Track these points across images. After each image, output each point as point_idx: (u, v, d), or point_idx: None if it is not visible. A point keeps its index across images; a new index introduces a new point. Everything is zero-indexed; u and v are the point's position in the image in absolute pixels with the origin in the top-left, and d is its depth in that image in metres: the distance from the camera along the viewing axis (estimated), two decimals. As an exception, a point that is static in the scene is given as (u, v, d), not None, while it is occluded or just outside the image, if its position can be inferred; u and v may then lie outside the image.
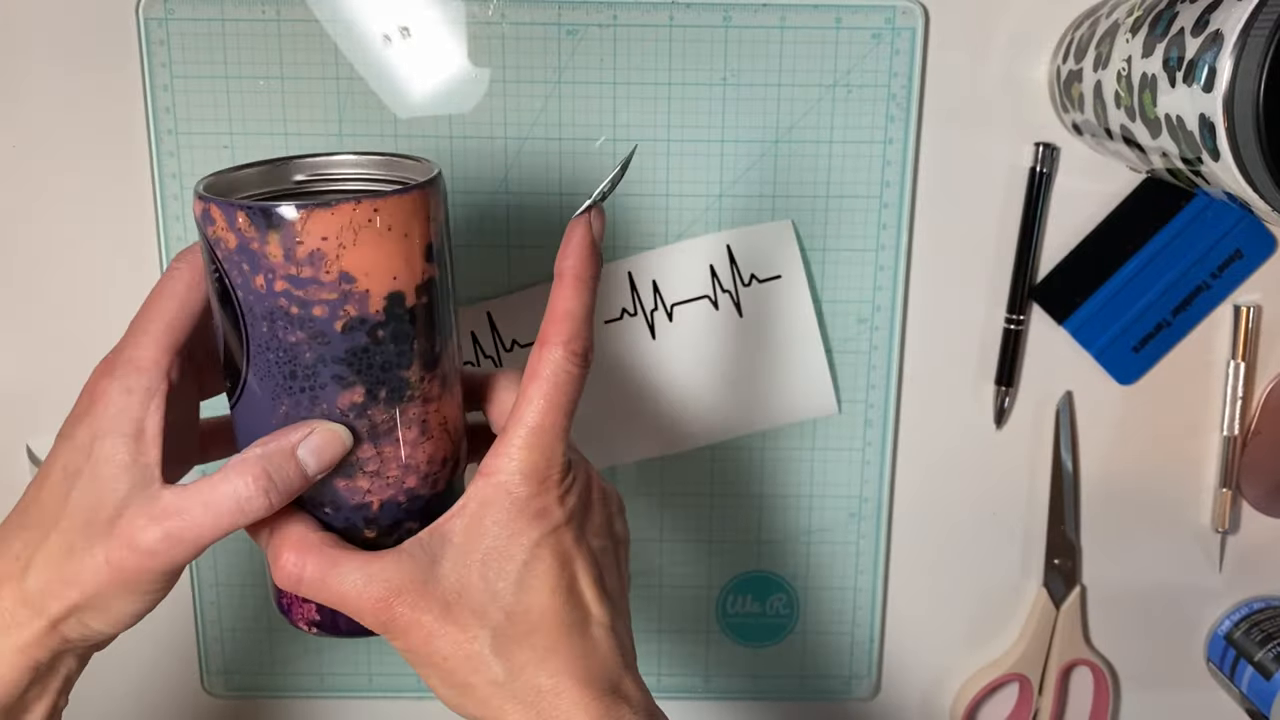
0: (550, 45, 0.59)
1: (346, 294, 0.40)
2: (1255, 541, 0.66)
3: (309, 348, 0.41)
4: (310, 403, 0.42)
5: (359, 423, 0.42)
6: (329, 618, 0.45)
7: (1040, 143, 0.60)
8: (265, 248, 0.40)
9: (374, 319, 0.41)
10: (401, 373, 0.42)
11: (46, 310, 0.62)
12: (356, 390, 0.42)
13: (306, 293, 0.40)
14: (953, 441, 0.65)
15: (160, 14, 0.58)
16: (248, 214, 0.39)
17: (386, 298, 0.41)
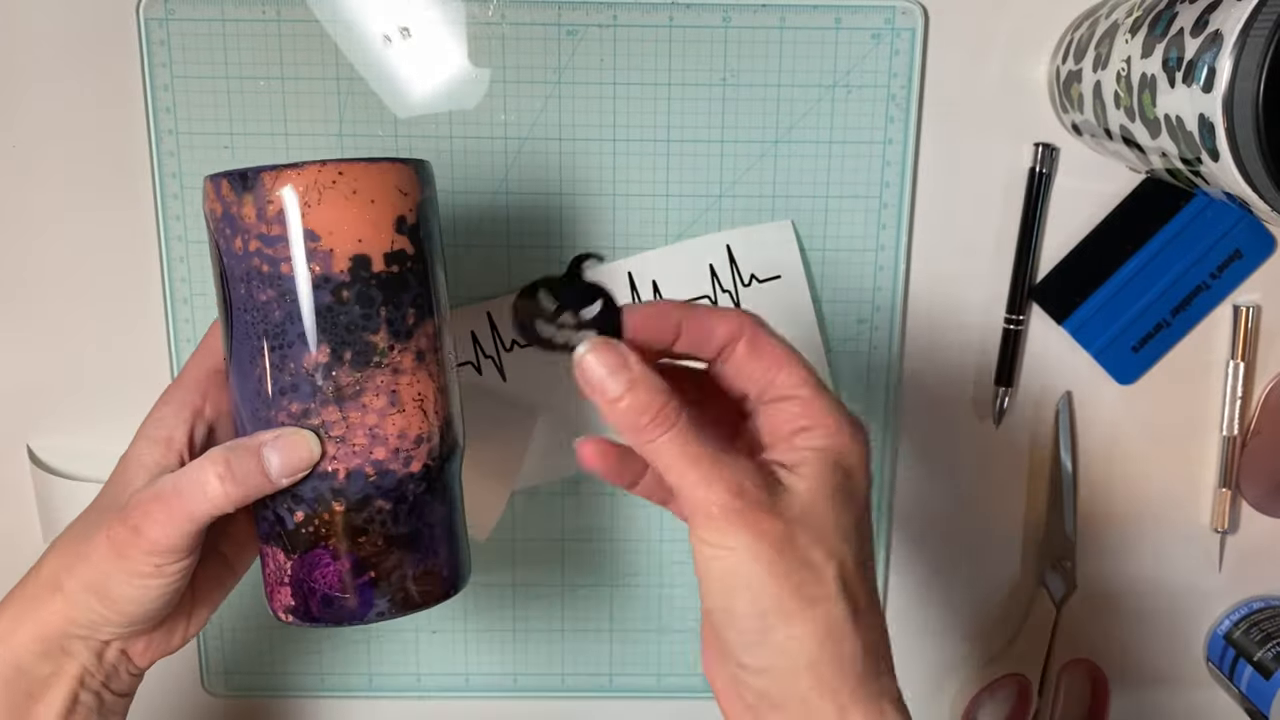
0: (550, 45, 0.59)
1: (312, 251, 0.43)
2: (1255, 541, 0.66)
3: (278, 306, 0.43)
4: (280, 362, 0.44)
5: (325, 384, 0.44)
6: (302, 602, 0.46)
7: (1040, 143, 0.60)
8: (242, 209, 0.43)
9: (338, 278, 0.43)
10: (367, 336, 0.44)
11: (46, 310, 0.62)
12: (322, 350, 0.43)
13: (275, 250, 0.43)
14: (953, 441, 0.65)
15: (160, 14, 0.58)
16: (229, 180, 0.43)
17: (351, 259, 0.43)
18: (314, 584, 0.46)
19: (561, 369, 0.62)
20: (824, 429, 0.40)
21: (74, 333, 0.63)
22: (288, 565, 0.46)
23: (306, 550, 0.45)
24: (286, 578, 0.46)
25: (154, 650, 0.49)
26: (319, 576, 0.46)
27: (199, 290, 0.61)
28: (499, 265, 0.61)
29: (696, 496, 0.39)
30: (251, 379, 0.44)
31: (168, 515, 0.43)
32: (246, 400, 0.45)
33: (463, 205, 0.61)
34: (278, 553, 0.46)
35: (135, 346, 0.63)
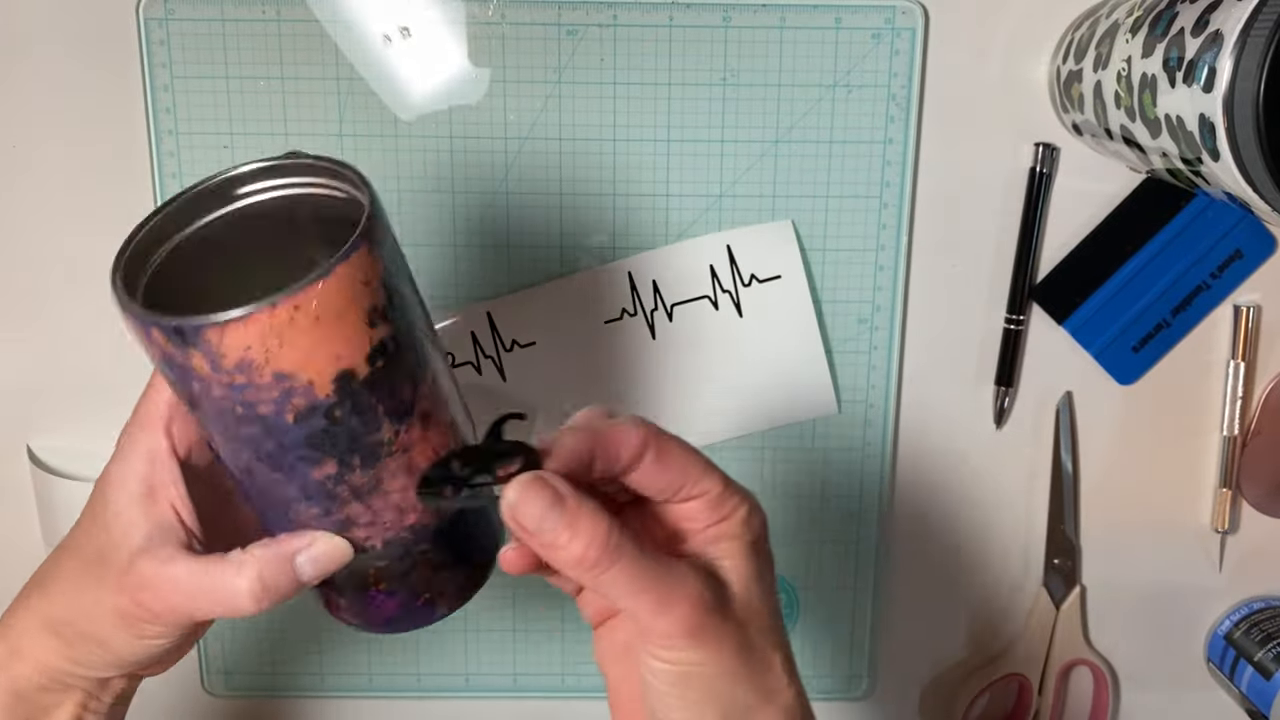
0: (550, 45, 0.59)
1: (289, 390, 0.37)
2: (1255, 541, 0.66)
3: (266, 438, 0.38)
4: (286, 479, 0.40)
5: (339, 489, 0.40)
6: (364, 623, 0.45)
7: (1040, 143, 0.60)
8: (190, 361, 0.36)
9: (325, 403, 0.38)
10: (371, 438, 0.39)
11: (46, 310, 0.62)
12: (328, 464, 0.39)
13: (246, 395, 0.37)
14: (953, 441, 0.65)
15: (160, 14, 0.58)
16: (161, 330, 0.36)
17: (334, 380, 0.37)
18: (371, 616, 0.45)
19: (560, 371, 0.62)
20: (735, 517, 0.41)
21: (74, 333, 0.63)
22: (342, 600, 0.45)
23: (357, 592, 0.44)
24: (343, 608, 0.45)
25: (158, 668, 0.48)
26: (374, 610, 0.45)
27: (199, 290, 0.61)
28: (499, 265, 0.61)
29: (654, 622, 0.38)
30: (255, 489, 0.41)
31: (188, 608, 0.42)
32: (255, 501, 0.42)
33: (463, 205, 0.61)
34: (329, 589, 0.45)
35: (135, 346, 0.62)
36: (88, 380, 0.63)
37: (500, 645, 0.67)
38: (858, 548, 0.66)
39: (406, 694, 0.68)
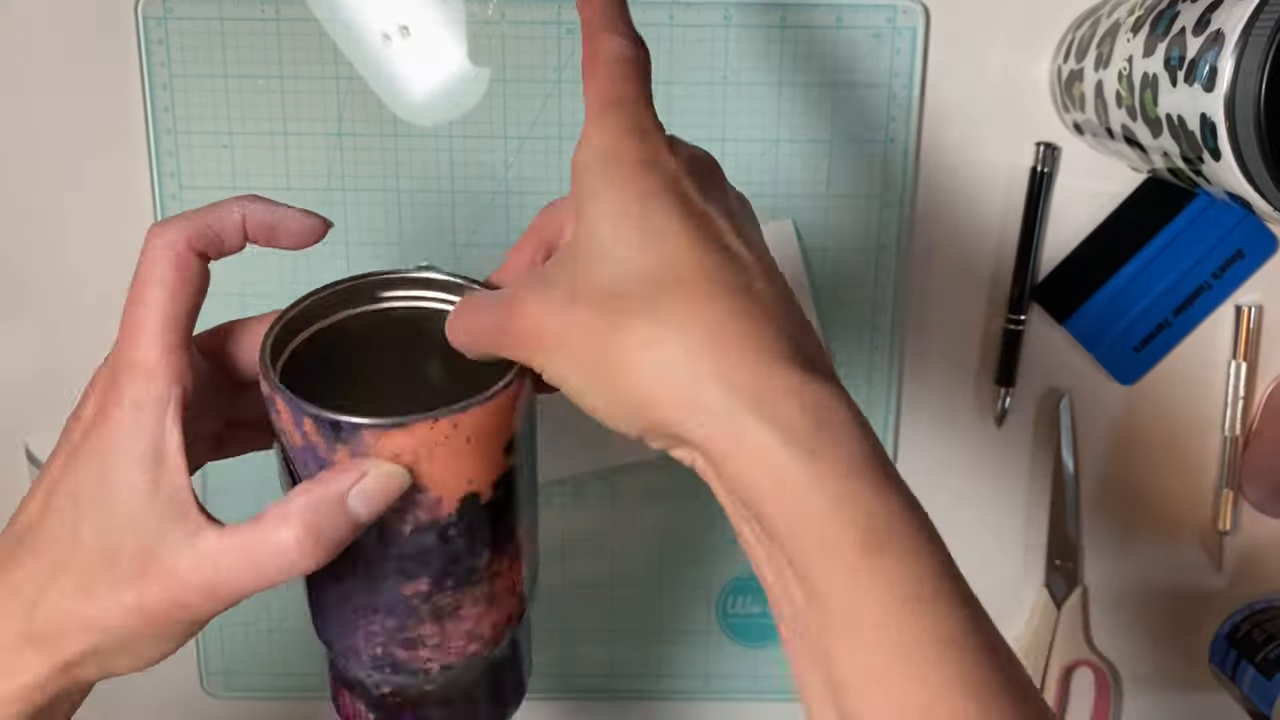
0: (550, 45, 0.59)
1: (416, 502, 0.37)
2: (1256, 542, 0.66)
3: (375, 544, 0.38)
4: (370, 587, 0.39)
5: (423, 608, 0.39)
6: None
7: (1040, 143, 0.60)
8: (332, 454, 0.36)
9: (445, 521, 0.38)
10: (470, 562, 0.39)
11: (46, 310, 0.62)
12: (421, 581, 0.39)
13: None
14: (953, 441, 0.65)
15: (159, 13, 0.58)
16: (315, 422, 0.36)
17: (460, 500, 0.38)
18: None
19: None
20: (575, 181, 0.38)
21: (74, 333, 0.63)
22: (370, 715, 0.43)
23: (392, 713, 0.43)
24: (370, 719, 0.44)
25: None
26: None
27: (198, 290, 0.61)
28: (499, 265, 0.61)
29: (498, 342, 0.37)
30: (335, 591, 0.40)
31: (232, 587, 0.36)
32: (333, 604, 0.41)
33: (463, 205, 0.61)
34: (357, 701, 0.43)
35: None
36: (86, 380, 0.63)
37: (500, 646, 0.67)
38: (858, 548, 0.66)
39: (406, 694, 0.68)
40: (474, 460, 0.37)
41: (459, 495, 0.38)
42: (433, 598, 0.39)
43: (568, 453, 0.64)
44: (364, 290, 0.43)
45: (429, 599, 0.39)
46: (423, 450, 0.36)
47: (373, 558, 0.38)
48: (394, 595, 0.39)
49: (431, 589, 0.39)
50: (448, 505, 0.38)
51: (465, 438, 0.36)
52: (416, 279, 0.43)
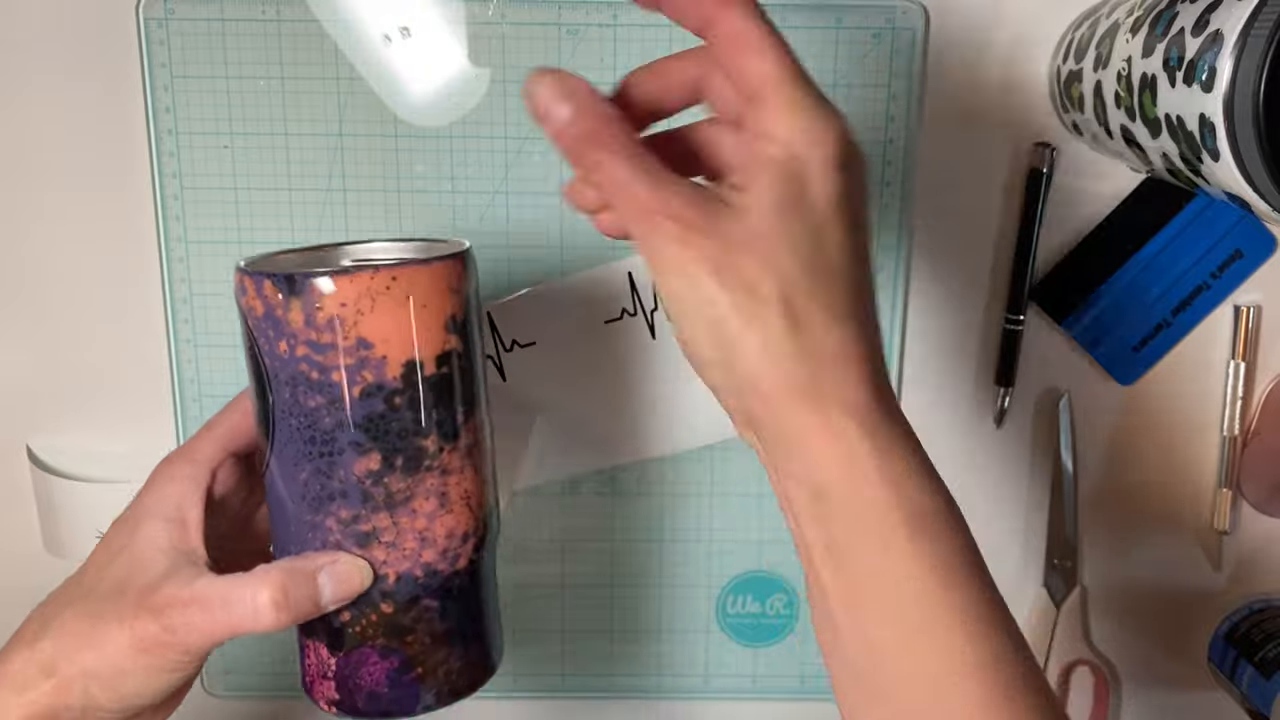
0: (550, 45, 0.59)
1: (364, 360, 0.41)
2: (1255, 541, 0.66)
3: (327, 412, 0.42)
4: (329, 468, 0.43)
5: (375, 490, 0.43)
6: (348, 697, 0.45)
7: (1040, 143, 0.60)
8: (288, 314, 0.41)
9: (391, 385, 0.42)
10: (419, 441, 0.43)
11: (46, 310, 0.62)
12: (373, 457, 0.42)
13: (325, 357, 0.41)
14: (953, 441, 0.65)
15: (160, 14, 0.58)
16: (273, 281, 0.41)
17: (404, 365, 0.42)
18: (359, 681, 0.45)
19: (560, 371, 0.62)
20: (781, 137, 0.38)
21: (74, 333, 0.63)
22: (331, 661, 0.45)
23: (352, 649, 0.45)
24: (330, 673, 0.45)
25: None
26: (365, 674, 0.45)
27: (199, 290, 0.61)
28: (499, 265, 0.61)
29: (638, 226, 0.38)
30: (297, 482, 0.43)
31: (210, 625, 0.42)
32: (291, 501, 0.44)
33: (463, 205, 0.61)
34: (320, 647, 0.46)
35: (135, 346, 0.63)
36: (88, 380, 0.63)
37: (500, 645, 0.67)
38: (858, 548, 0.66)
39: (406, 694, 0.68)
40: (414, 324, 0.42)
41: (402, 359, 0.42)
42: (384, 479, 0.43)
43: (568, 453, 0.64)
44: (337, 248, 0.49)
45: (380, 479, 0.43)
46: (365, 301, 0.41)
47: (329, 431, 0.42)
48: (348, 475, 0.43)
49: (382, 467, 0.43)
50: (392, 368, 0.42)
51: (405, 294, 0.41)
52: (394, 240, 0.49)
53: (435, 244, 0.48)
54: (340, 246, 0.49)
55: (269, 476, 0.45)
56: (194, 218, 0.60)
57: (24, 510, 0.65)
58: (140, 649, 0.42)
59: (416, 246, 0.48)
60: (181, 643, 0.42)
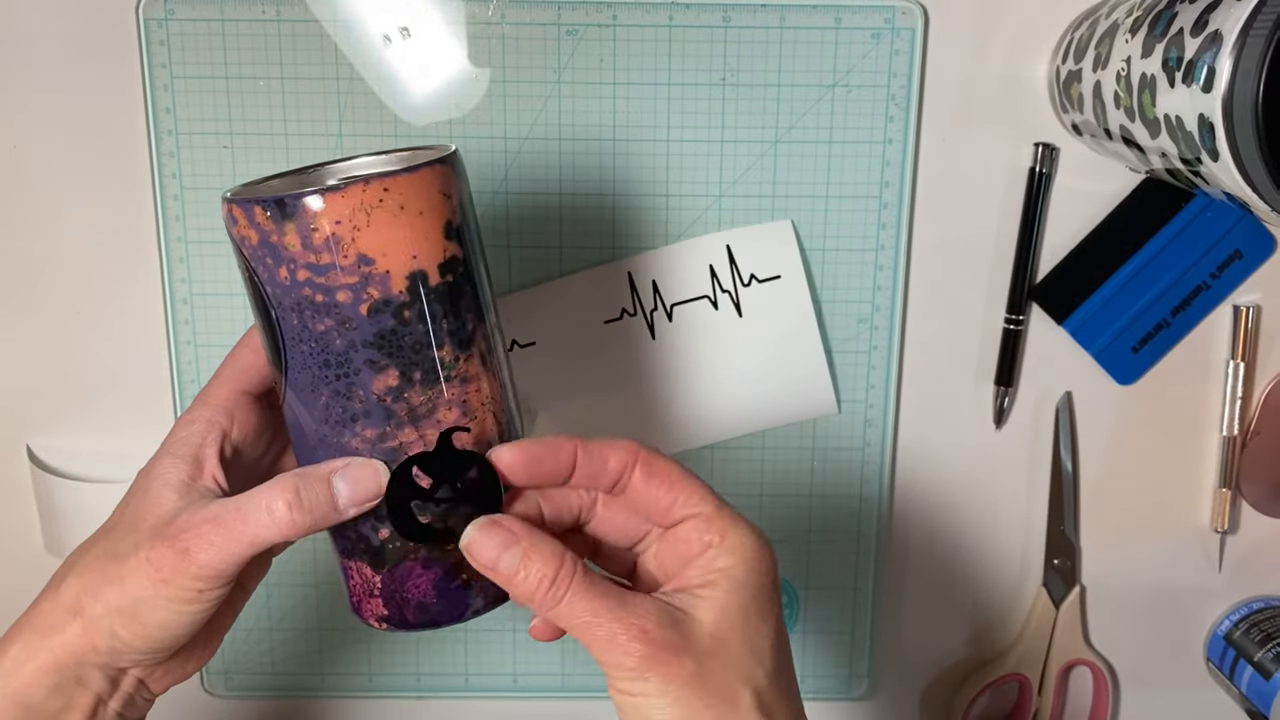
0: (550, 45, 0.59)
1: (367, 276, 0.41)
2: (1255, 541, 0.66)
3: (338, 334, 0.41)
4: (347, 390, 0.42)
5: (397, 406, 0.42)
6: (396, 611, 0.45)
7: (1040, 143, 0.60)
8: (284, 239, 0.40)
9: (398, 299, 0.41)
10: (434, 353, 0.42)
11: (47, 310, 0.62)
12: (390, 374, 0.42)
13: (328, 279, 0.41)
14: (953, 441, 0.65)
15: (160, 14, 0.58)
16: (263, 207, 0.40)
17: (408, 277, 0.41)
18: (407, 595, 0.45)
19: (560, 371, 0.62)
20: (729, 547, 0.41)
21: (74, 333, 0.63)
22: (376, 579, 0.45)
23: (395, 564, 0.44)
24: (377, 590, 0.45)
25: (170, 678, 0.47)
26: (411, 588, 0.45)
27: (199, 290, 0.61)
28: (499, 265, 0.61)
29: (607, 655, 0.39)
30: (317, 407, 0.43)
31: (225, 539, 0.42)
32: (314, 427, 0.43)
33: (463, 205, 0.61)
34: (363, 567, 0.45)
35: (135, 346, 0.63)
36: (88, 380, 0.63)
37: (500, 645, 0.67)
38: (858, 548, 0.66)
39: (406, 694, 0.68)
40: (413, 233, 0.41)
41: (406, 271, 0.41)
42: (405, 394, 0.42)
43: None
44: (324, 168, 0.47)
45: (401, 396, 0.42)
46: (360, 216, 0.40)
47: (342, 354, 0.41)
48: (367, 394, 0.42)
49: (401, 382, 0.42)
50: (397, 282, 0.41)
51: (399, 204, 0.40)
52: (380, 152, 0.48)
53: (420, 151, 0.47)
54: (324, 166, 0.47)
55: (287, 407, 0.44)
56: (194, 218, 0.60)
57: (24, 510, 0.65)
58: (159, 578, 0.42)
59: (401, 157, 0.47)
60: (198, 562, 0.41)
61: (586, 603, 0.40)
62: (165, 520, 0.43)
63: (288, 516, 0.41)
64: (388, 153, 0.47)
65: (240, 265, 0.42)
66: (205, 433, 0.45)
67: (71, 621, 0.43)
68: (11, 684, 0.43)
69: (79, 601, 0.43)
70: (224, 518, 0.42)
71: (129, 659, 0.44)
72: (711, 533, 0.41)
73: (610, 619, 0.39)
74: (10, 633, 0.44)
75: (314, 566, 0.65)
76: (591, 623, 0.40)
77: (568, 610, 0.40)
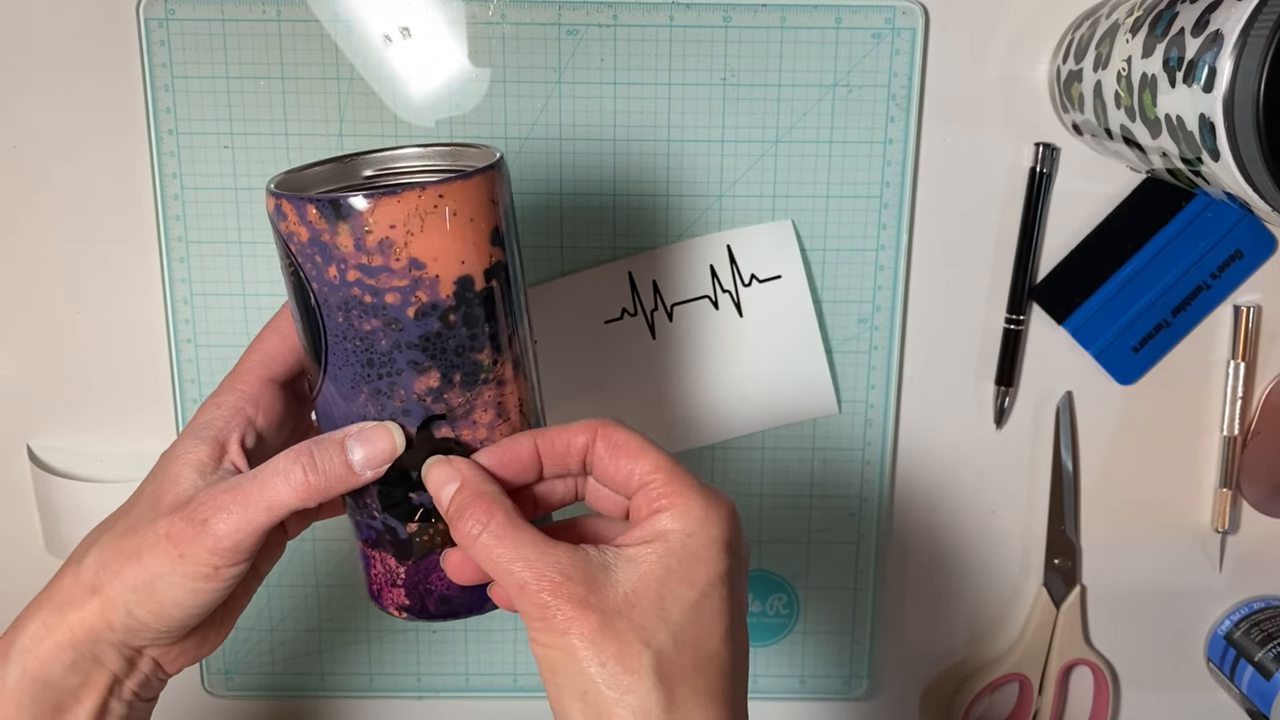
0: (550, 45, 0.59)
1: (417, 280, 0.41)
2: (1255, 541, 0.66)
3: (384, 335, 0.42)
4: (389, 389, 0.43)
5: (436, 406, 0.43)
6: (418, 602, 0.46)
7: (1040, 143, 0.60)
8: (336, 239, 0.41)
9: (445, 304, 0.42)
10: (474, 356, 0.43)
11: (47, 310, 0.62)
12: (432, 375, 0.42)
13: (378, 280, 0.41)
14: (953, 441, 0.65)
15: (161, 14, 0.58)
16: (318, 207, 0.40)
17: (456, 282, 0.42)
18: (430, 586, 0.45)
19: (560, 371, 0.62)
20: (675, 510, 0.41)
21: (74, 333, 0.63)
22: (400, 570, 0.45)
23: (421, 557, 0.45)
24: (400, 580, 0.46)
25: (185, 658, 0.47)
26: (435, 580, 0.45)
27: (199, 290, 0.61)
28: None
29: (518, 602, 0.40)
30: (355, 403, 0.43)
31: (243, 506, 0.42)
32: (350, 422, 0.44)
33: (463, 205, 0.61)
34: (387, 558, 0.46)
35: (135, 346, 0.63)
36: (88, 380, 0.63)
37: (500, 645, 0.67)
38: (858, 548, 0.66)
39: (406, 694, 0.68)
40: (462, 239, 0.41)
41: (454, 276, 0.42)
42: (444, 395, 0.43)
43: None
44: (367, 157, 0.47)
45: (440, 396, 0.43)
46: (414, 221, 0.40)
47: (386, 353, 0.42)
48: (408, 394, 0.43)
49: (441, 384, 0.43)
50: (445, 286, 0.42)
51: (451, 211, 0.41)
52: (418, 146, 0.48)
53: (460, 149, 0.47)
54: (361, 156, 0.47)
55: (323, 400, 0.44)
56: (194, 218, 0.60)
57: (24, 510, 0.65)
58: (176, 553, 0.42)
59: (441, 153, 0.47)
60: (215, 533, 0.42)
61: (504, 547, 0.40)
62: (184, 498, 0.43)
63: (303, 479, 0.42)
64: (428, 145, 0.48)
65: (283, 258, 0.43)
66: (230, 418, 0.45)
67: (90, 599, 0.43)
68: (31, 660, 0.44)
69: (98, 579, 0.43)
70: (241, 486, 0.42)
71: (144, 638, 0.44)
72: (662, 499, 0.41)
73: (523, 566, 0.40)
74: (30, 607, 0.45)
75: (314, 567, 0.65)
76: (506, 569, 0.40)
77: (485, 551, 0.40)
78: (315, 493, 0.42)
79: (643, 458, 0.42)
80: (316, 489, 0.42)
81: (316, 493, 0.42)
